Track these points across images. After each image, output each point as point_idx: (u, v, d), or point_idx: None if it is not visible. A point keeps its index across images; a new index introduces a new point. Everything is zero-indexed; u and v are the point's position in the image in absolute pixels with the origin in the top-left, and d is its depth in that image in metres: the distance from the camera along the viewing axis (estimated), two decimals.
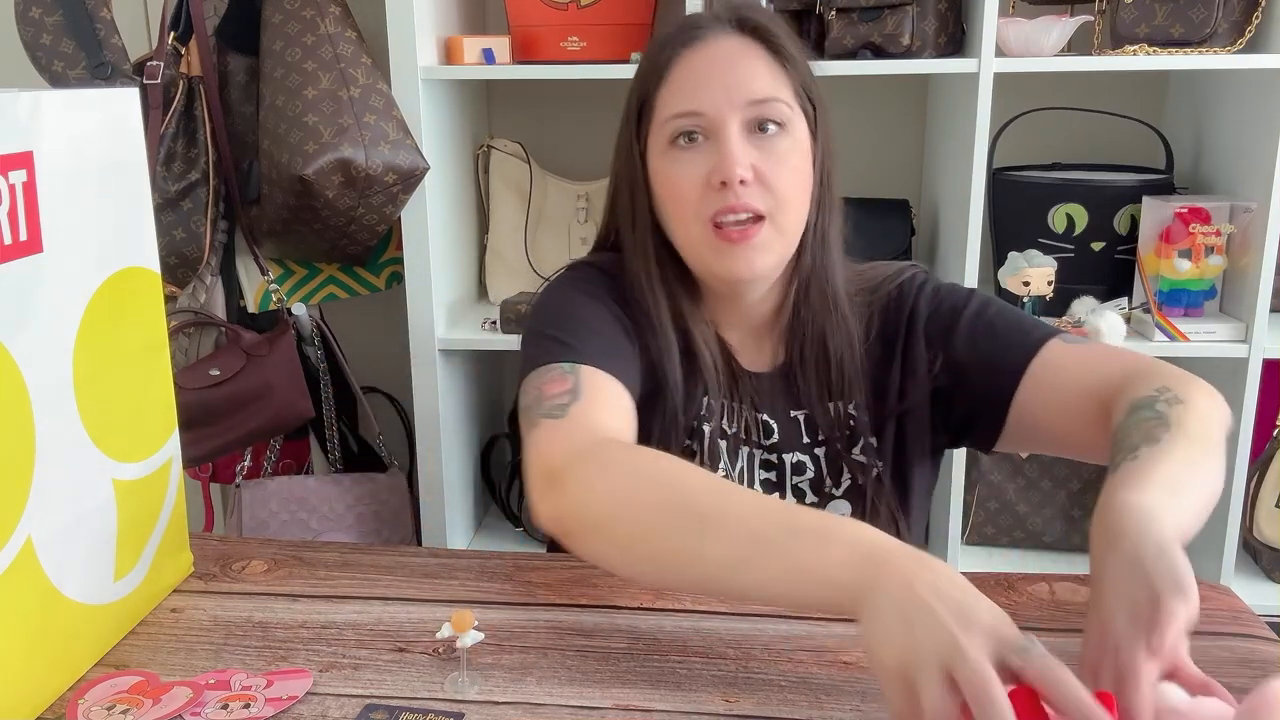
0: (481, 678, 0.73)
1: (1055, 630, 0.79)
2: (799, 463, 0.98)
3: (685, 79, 0.91)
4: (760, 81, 0.90)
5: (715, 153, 0.89)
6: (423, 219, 1.62)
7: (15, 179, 0.66)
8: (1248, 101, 1.60)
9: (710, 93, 0.90)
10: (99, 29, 1.52)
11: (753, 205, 0.89)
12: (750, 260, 0.91)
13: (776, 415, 0.99)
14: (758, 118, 0.90)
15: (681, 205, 0.92)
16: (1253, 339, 1.57)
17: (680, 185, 0.91)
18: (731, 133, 0.89)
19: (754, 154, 0.89)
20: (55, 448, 0.71)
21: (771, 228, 0.90)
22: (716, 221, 0.90)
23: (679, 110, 0.91)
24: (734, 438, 0.98)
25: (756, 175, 0.89)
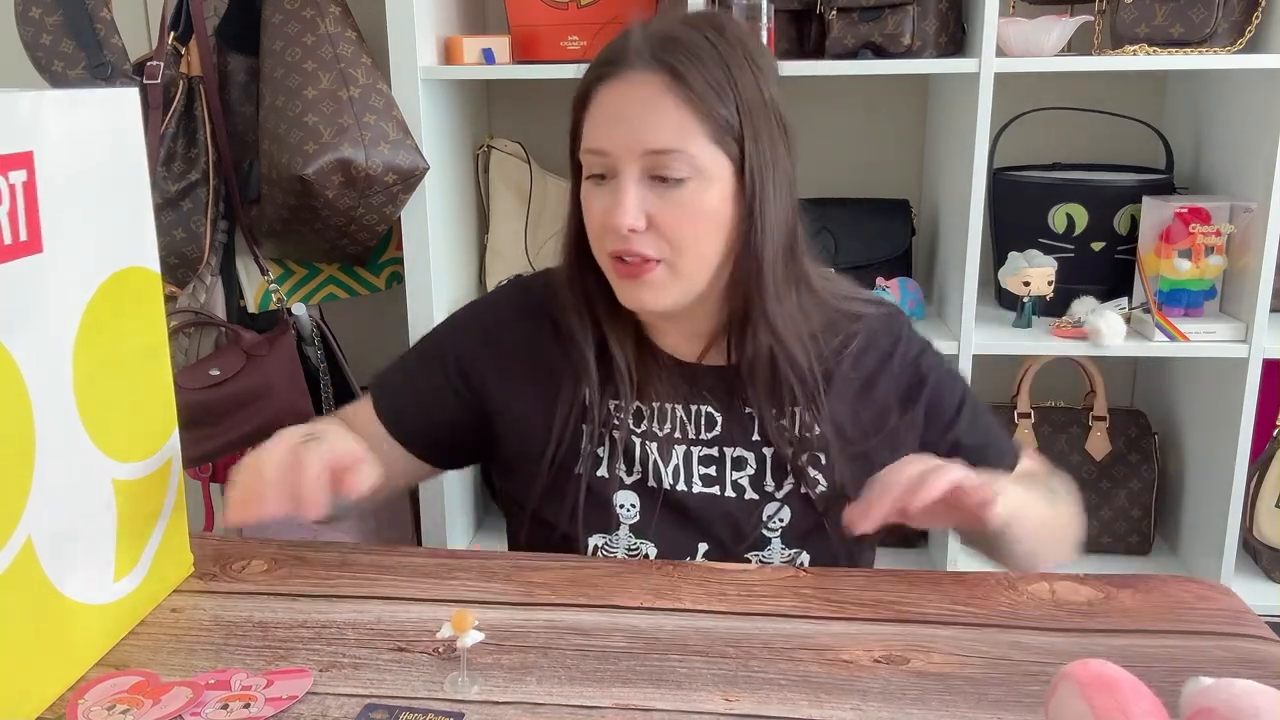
0: (481, 678, 0.73)
1: (1055, 630, 0.79)
2: (740, 458, 0.99)
3: (599, 114, 0.91)
4: (664, 131, 0.88)
5: (613, 194, 0.90)
6: (423, 219, 1.62)
7: (15, 179, 0.66)
8: (1248, 101, 1.60)
9: (614, 135, 0.90)
10: (99, 29, 1.52)
11: (643, 252, 0.90)
12: (642, 298, 0.92)
13: (723, 408, 0.99)
14: (657, 166, 0.88)
15: (592, 234, 0.94)
16: (1253, 339, 1.57)
17: (590, 216, 0.93)
18: (627, 180, 0.89)
19: (652, 200, 0.89)
20: (55, 448, 0.71)
21: (666, 270, 0.91)
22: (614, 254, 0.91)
23: (589, 146, 0.92)
24: (666, 438, 0.99)
25: (651, 223, 0.89)
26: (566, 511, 0.99)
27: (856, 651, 0.76)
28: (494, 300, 1.10)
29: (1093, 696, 0.59)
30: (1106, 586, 0.86)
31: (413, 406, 1.04)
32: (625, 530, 0.98)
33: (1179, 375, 1.85)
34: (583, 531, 0.98)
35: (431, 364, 1.05)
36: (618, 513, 0.99)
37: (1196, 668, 0.70)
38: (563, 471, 0.99)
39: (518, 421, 1.02)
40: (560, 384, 1.00)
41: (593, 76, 0.93)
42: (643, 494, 0.99)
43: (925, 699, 0.71)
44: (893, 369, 1.00)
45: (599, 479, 0.99)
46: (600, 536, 0.99)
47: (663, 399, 0.99)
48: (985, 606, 0.83)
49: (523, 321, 1.03)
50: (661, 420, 0.99)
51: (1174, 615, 0.82)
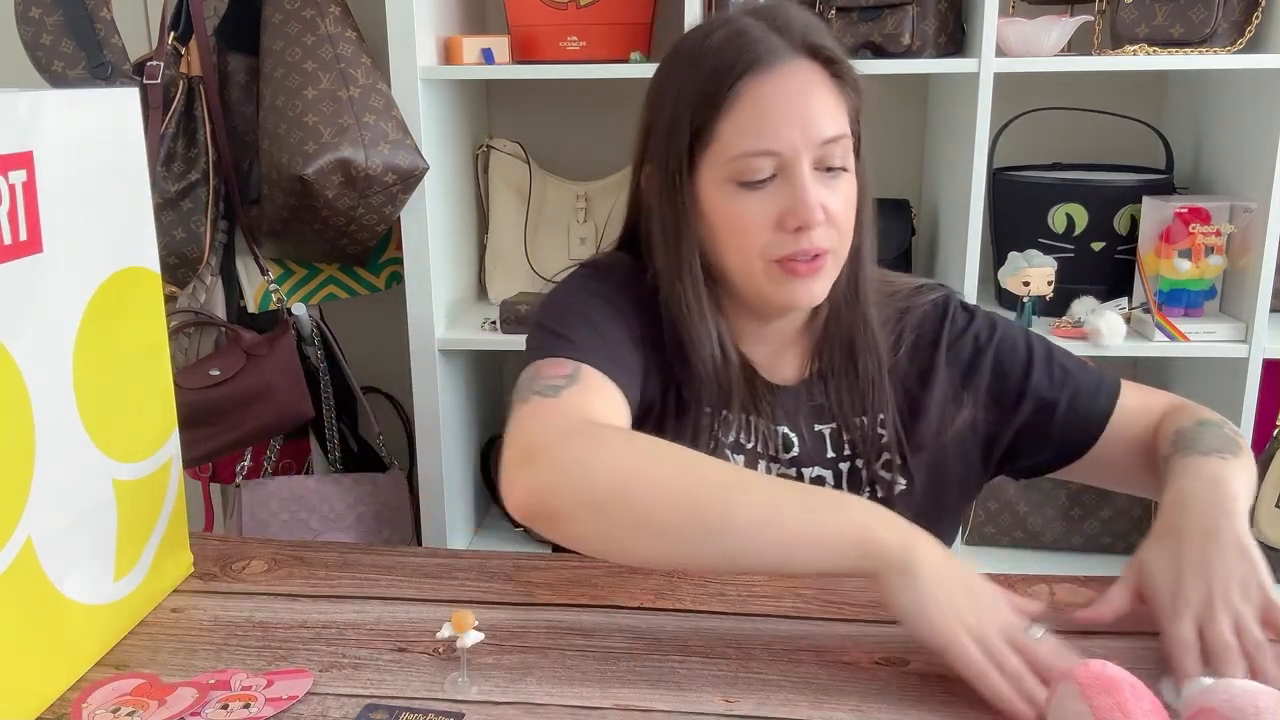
0: (481, 678, 0.73)
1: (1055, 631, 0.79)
2: (818, 477, 0.97)
3: (757, 113, 0.86)
4: (830, 118, 0.88)
5: (787, 193, 0.86)
6: (423, 219, 1.62)
7: (15, 179, 0.66)
8: (1248, 101, 1.60)
9: (787, 131, 0.86)
10: (99, 29, 1.52)
11: (822, 245, 0.88)
12: (812, 290, 0.90)
13: (798, 429, 0.97)
14: (826, 156, 0.87)
15: (745, 242, 0.89)
16: (1253, 339, 1.57)
17: (746, 223, 0.88)
18: (806, 175, 0.86)
19: (823, 193, 0.87)
20: (55, 448, 0.71)
21: (832, 259, 0.90)
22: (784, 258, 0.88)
23: (752, 149, 0.86)
24: (751, 452, 0.97)
25: (826, 214, 0.88)
26: None
27: (856, 653, 0.76)
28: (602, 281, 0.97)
29: (1093, 696, 0.59)
30: (1106, 587, 0.86)
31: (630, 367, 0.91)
32: None
33: (1179, 375, 1.85)
34: None
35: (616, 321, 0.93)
36: None
37: None
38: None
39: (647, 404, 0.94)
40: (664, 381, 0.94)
41: (735, 76, 0.87)
42: None
43: (925, 700, 0.71)
44: (943, 353, 0.98)
45: None
46: None
47: (754, 413, 0.97)
48: None
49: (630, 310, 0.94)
50: (750, 433, 0.97)
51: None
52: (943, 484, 0.98)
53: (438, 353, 1.67)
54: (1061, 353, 1.01)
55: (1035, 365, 0.98)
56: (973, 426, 0.98)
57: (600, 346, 0.89)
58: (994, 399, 0.98)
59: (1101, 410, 0.97)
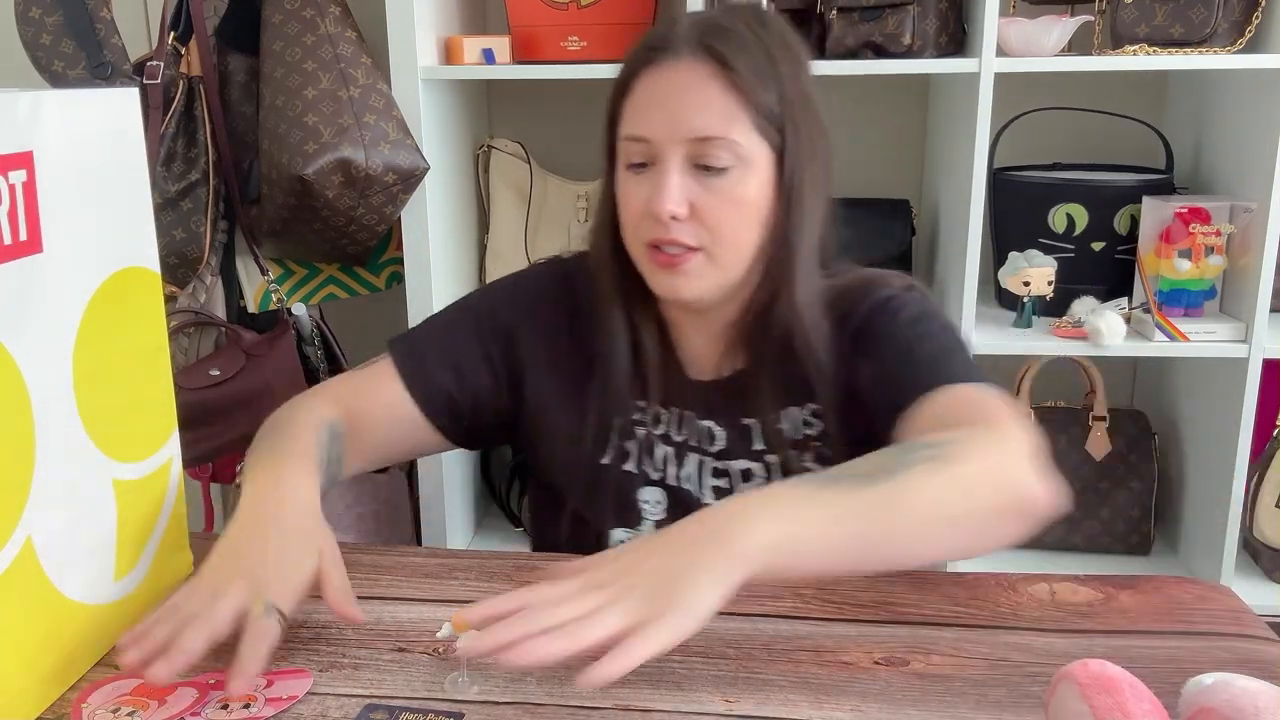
0: (481, 678, 0.73)
1: (1055, 631, 0.79)
2: (747, 470, 0.98)
3: (642, 100, 0.91)
4: (709, 117, 0.87)
5: (655, 181, 0.89)
6: (423, 219, 1.62)
7: (15, 179, 0.66)
8: (1248, 101, 1.60)
9: (658, 122, 0.89)
10: (99, 29, 1.52)
11: (684, 240, 0.89)
12: (678, 286, 0.92)
13: (725, 423, 0.98)
14: (701, 154, 0.88)
15: (625, 224, 0.93)
16: (1253, 339, 1.57)
17: (626, 205, 0.92)
18: (671, 166, 0.88)
19: (695, 189, 0.89)
20: (55, 448, 0.71)
21: (705, 259, 0.90)
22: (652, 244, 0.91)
23: (630, 133, 0.91)
24: (681, 445, 0.99)
25: (693, 211, 0.89)
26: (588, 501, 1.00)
27: (856, 653, 0.76)
28: (536, 274, 1.08)
29: (1092, 696, 0.59)
30: (1106, 587, 0.86)
31: (443, 372, 1.00)
32: (650, 525, 0.99)
33: (1179, 375, 1.85)
34: (608, 523, 0.99)
35: (468, 330, 1.03)
36: (642, 508, 0.99)
37: (1196, 668, 0.70)
38: (590, 462, 0.99)
39: (546, 404, 1.01)
40: (587, 373, 0.99)
41: (636, 63, 0.91)
42: (668, 491, 0.99)
43: (925, 700, 0.71)
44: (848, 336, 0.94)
45: (625, 473, 0.99)
46: (624, 530, 0.99)
47: (681, 406, 0.99)
48: (985, 608, 0.83)
49: (558, 303, 1.02)
50: (679, 427, 0.99)
51: (1174, 615, 0.82)
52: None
53: None
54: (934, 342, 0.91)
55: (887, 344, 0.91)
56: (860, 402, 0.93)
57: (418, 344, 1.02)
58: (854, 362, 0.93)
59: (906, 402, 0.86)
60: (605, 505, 1.00)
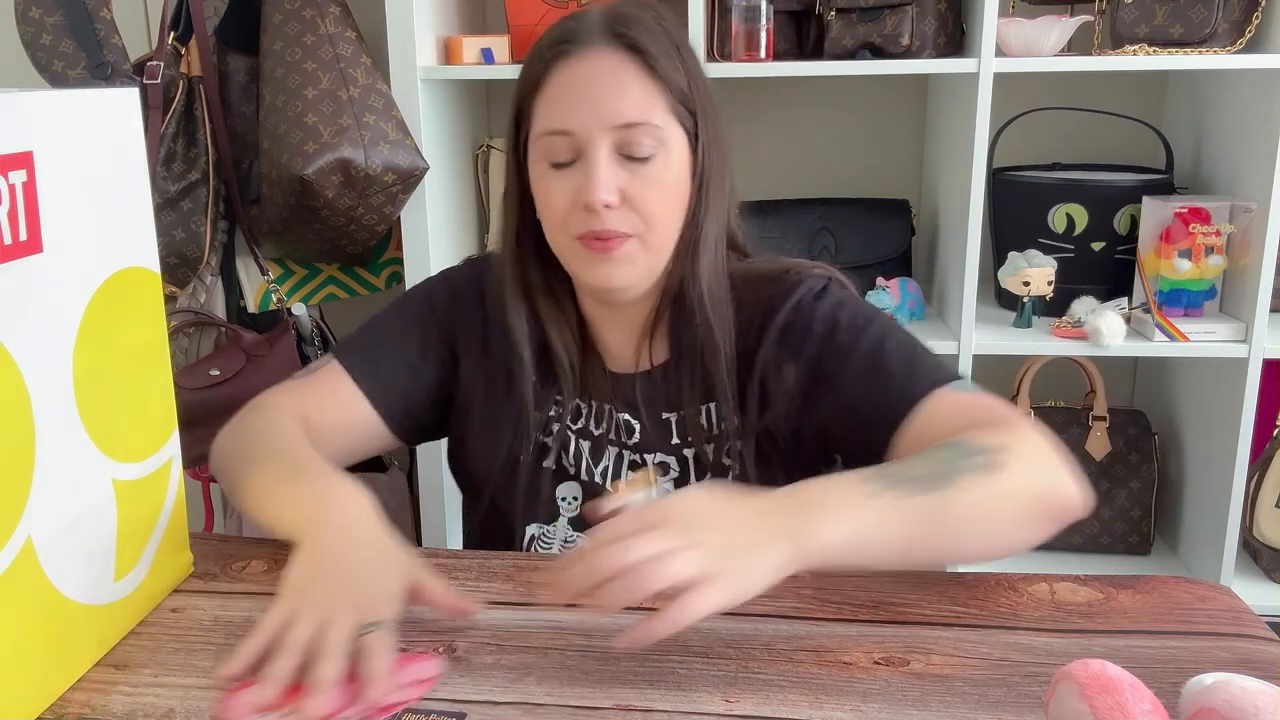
0: (481, 678, 0.73)
1: (1055, 631, 0.79)
2: (661, 463, 0.99)
3: (557, 95, 0.90)
4: (630, 103, 0.88)
5: (584, 172, 0.89)
6: (422, 219, 1.62)
7: (15, 179, 0.66)
8: (1248, 101, 1.60)
9: (580, 113, 0.89)
10: (99, 29, 1.52)
11: (618, 229, 0.89)
12: (612, 273, 0.92)
13: (643, 416, 0.99)
14: (626, 142, 0.89)
15: (551, 219, 0.93)
16: (1253, 339, 1.57)
17: (552, 202, 0.92)
18: (599, 156, 0.88)
19: (623, 176, 0.89)
20: (55, 448, 0.71)
21: (638, 244, 0.91)
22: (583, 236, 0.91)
23: (551, 127, 0.90)
24: (599, 438, 1.00)
25: (623, 198, 0.89)
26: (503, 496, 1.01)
27: (856, 653, 0.76)
28: (463, 273, 1.08)
29: (1092, 696, 0.59)
30: (1106, 587, 0.86)
31: (396, 372, 1.01)
32: (563, 522, 1.00)
33: (1179, 375, 1.85)
34: (520, 520, 1.00)
35: (413, 328, 1.03)
36: (559, 504, 1.00)
37: (1196, 668, 0.70)
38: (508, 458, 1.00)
39: (472, 399, 1.03)
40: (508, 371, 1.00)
41: (545, 58, 0.91)
42: (584, 488, 1.00)
43: (925, 700, 0.71)
44: (772, 336, 0.94)
45: (543, 469, 1.00)
46: (537, 526, 1.00)
47: (600, 399, 1.00)
48: (985, 608, 0.83)
49: (482, 303, 1.03)
50: (597, 420, 1.00)
51: (1174, 615, 0.82)
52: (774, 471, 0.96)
53: None
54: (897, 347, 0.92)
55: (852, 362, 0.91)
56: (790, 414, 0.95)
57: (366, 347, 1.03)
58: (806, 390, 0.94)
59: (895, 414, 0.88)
60: (521, 500, 1.00)
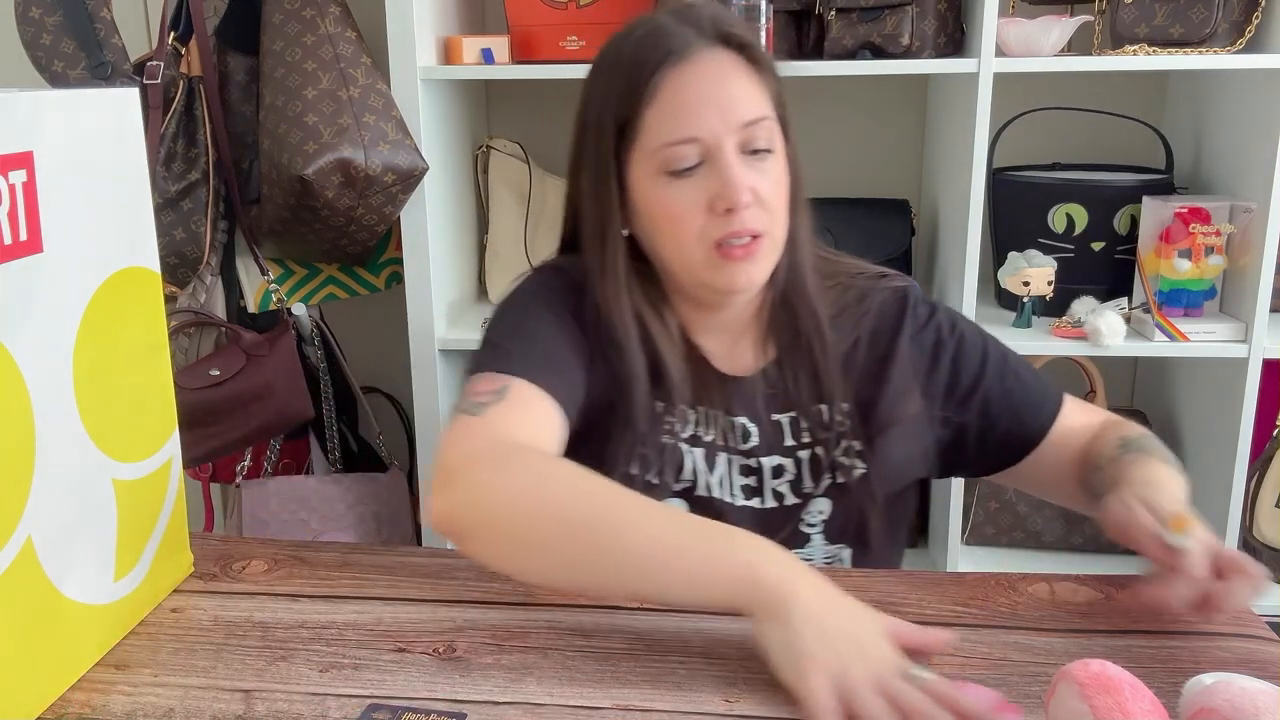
0: (481, 678, 0.73)
1: (1055, 631, 0.79)
2: (778, 466, 0.98)
3: (677, 102, 0.89)
4: (749, 101, 0.90)
5: (714, 177, 0.88)
6: (422, 219, 1.62)
7: (15, 179, 0.66)
8: (1248, 101, 1.60)
9: (706, 117, 0.88)
10: (99, 29, 1.52)
11: (755, 227, 0.89)
12: (750, 274, 0.91)
13: (756, 419, 0.98)
14: (750, 139, 0.89)
15: (680, 230, 0.90)
16: (1253, 339, 1.57)
17: (679, 211, 0.90)
18: (730, 158, 0.88)
19: (750, 175, 0.89)
20: (55, 448, 0.71)
21: (768, 241, 0.91)
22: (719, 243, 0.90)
23: (675, 138, 0.88)
24: (710, 445, 0.97)
25: (754, 196, 0.89)
26: None
27: None
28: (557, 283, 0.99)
29: (1092, 696, 0.59)
30: (1106, 587, 0.86)
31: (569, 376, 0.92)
32: None
33: (1179, 375, 1.85)
34: None
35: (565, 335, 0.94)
36: None
37: (1196, 668, 0.70)
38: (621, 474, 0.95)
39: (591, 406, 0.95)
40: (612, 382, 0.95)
41: (653, 68, 0.89)
42: (691, 502, 0.97)
43: None
44: (904, 343, 0.99)
45: (648, 485, 0.95)
46: None
47: (708, 405, 0.98)
48: (985, 607, 0.83)
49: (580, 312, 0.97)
50: (706, 426, 0.98)
51: (1174, 615, 0.82)
52: (897, 470, 0.99)
53: (438, 353, 1.67)
54: (1016, 359, 1.03)
55: (989, 370, 1.00)
56: (924, 418, 0.99)
57: (536, 357, 0.91)
58: (947, 395, 1.00)
59: (1042, 424, 1.00)
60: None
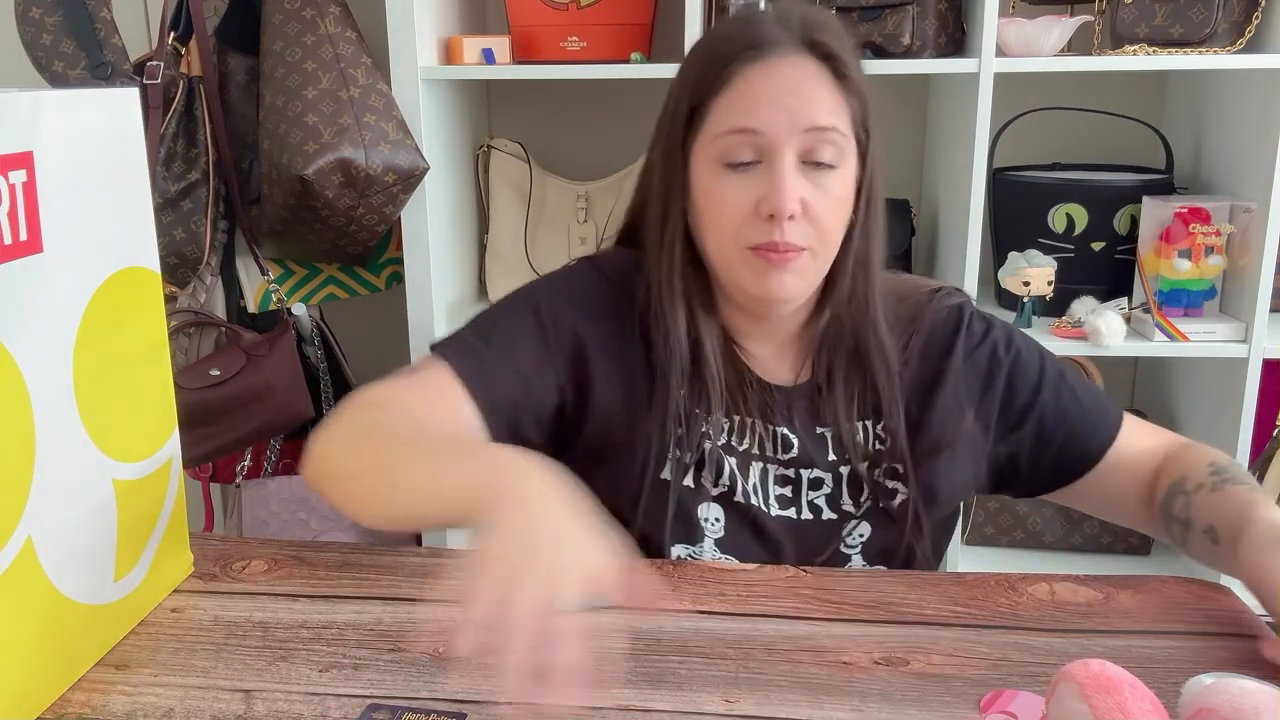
0: (481, 678, 0.73)
1: (1055, 631, 0.79)
2: (817, 479, 0.96)
3: (747, 94, 0.87)
4: (822, 109, 0.87)
5: (766, 179, 0.86)
6: (423, 219, 1.62)
7: (15, 179, 0.66)
8: (1248, 101, 1.60)
9: (772, 113, 0.86)
10: (99, 29, 1.52)
11: (795, 242, 0.87)
12: (784, 282, 0.89)
13: (799, 430, 0.96)
14: (814, 148, 0.87)
15: (722, 225, 0.89)
16: (1253, 339, 1.57)
17: (725, 206, 0.88)
18: (786, 161, 0.86)
19: (804, 186, 0.87)
20: (55, 448, 0.71)
21: (809, 257, 0.89)
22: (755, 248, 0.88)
23: (736, 125, 0.87)
24: (745, 453, 0.95)
25: (804, 209, 0.87)
26: (650, 517, 0.94)
27: (856, 653, 0.76)
28: (585, 276, 1.00)
29: (1092, 696, 0.59)
30: (1106, 587, 0.86)
31: (510, 385, 0.92)
32: (710, 544, 0.95)
33: (1179, 375, 1.85)
34: (669, 540, 0.94)
35: (533, 337, 0.94)
36: (702, 525, 0.95)
37: (1196, 668, 0.70)
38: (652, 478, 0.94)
39: (615, 421, 0.95)
40: (646, 381, 0.94)
41: (733, 60, 0.87)
42: (727, 508, 0.95)
43: (925, 700, 0.71)
44: (957, 361, 0.96)
45: (686, 488, 0.94)
46: (684, 547, 0.95)
47: (745, 414, 0.96)
48: (985, 608, 0.83)
49: (616, 308, 0.96)
50: (741, 435, 0.96)
51: (1174, 615, 0.82)
52: (941, 493, 0.96)
53: None
54: (1073, 376, 1.00)
55: (1045, 388, 0.98)
56: (976, 439, 0.97)
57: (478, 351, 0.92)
58: (1001, 416, 0.97)
59: (1101, 442, 0.98)
60: (665, 522, 0.94)
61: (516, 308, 0.97)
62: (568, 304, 0.96)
